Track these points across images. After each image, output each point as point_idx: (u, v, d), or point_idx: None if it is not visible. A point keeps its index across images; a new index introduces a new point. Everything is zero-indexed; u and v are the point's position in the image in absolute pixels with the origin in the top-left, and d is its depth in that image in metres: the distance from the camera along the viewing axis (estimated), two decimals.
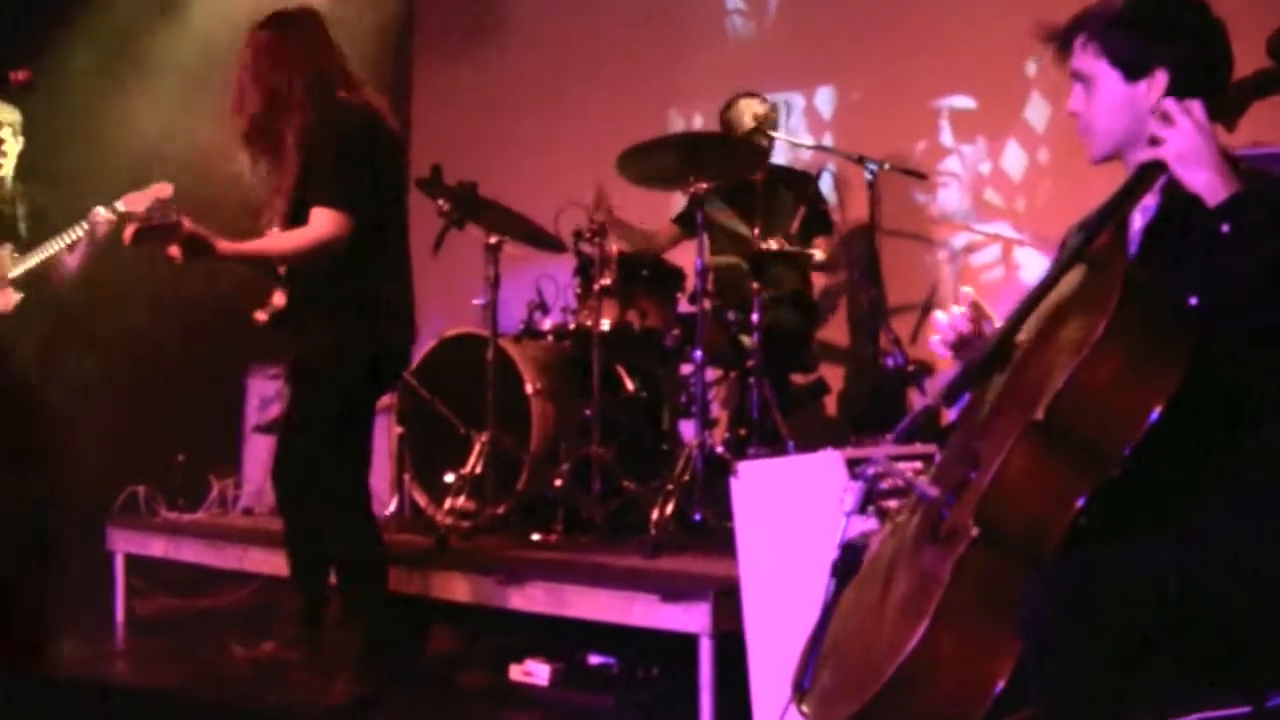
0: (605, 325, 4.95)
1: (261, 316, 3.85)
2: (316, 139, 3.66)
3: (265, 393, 5.95)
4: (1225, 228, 1.96)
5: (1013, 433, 2.01)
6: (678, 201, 6.18)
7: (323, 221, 3.65)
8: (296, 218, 3.68)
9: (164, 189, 4.77)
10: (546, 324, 5.41)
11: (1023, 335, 2.22)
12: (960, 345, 2.42)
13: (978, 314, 2.42)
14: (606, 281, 4.93)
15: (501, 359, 4.90)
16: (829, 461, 3.25)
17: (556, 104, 7.21)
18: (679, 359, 5.26)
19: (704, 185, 4.75)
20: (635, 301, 5.03)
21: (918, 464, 3.24)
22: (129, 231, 3.55)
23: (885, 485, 2.15)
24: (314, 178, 3.66)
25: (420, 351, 5.22)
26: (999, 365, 2.20)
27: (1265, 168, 2.11)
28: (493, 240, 4.85)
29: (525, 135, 7.23)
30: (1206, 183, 2.01)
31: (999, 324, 2.27)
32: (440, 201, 4.88)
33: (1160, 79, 2.19)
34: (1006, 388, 2.16)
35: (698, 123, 6.83)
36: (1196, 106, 2.03)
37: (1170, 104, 2.05)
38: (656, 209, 6.22)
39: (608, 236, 5.01)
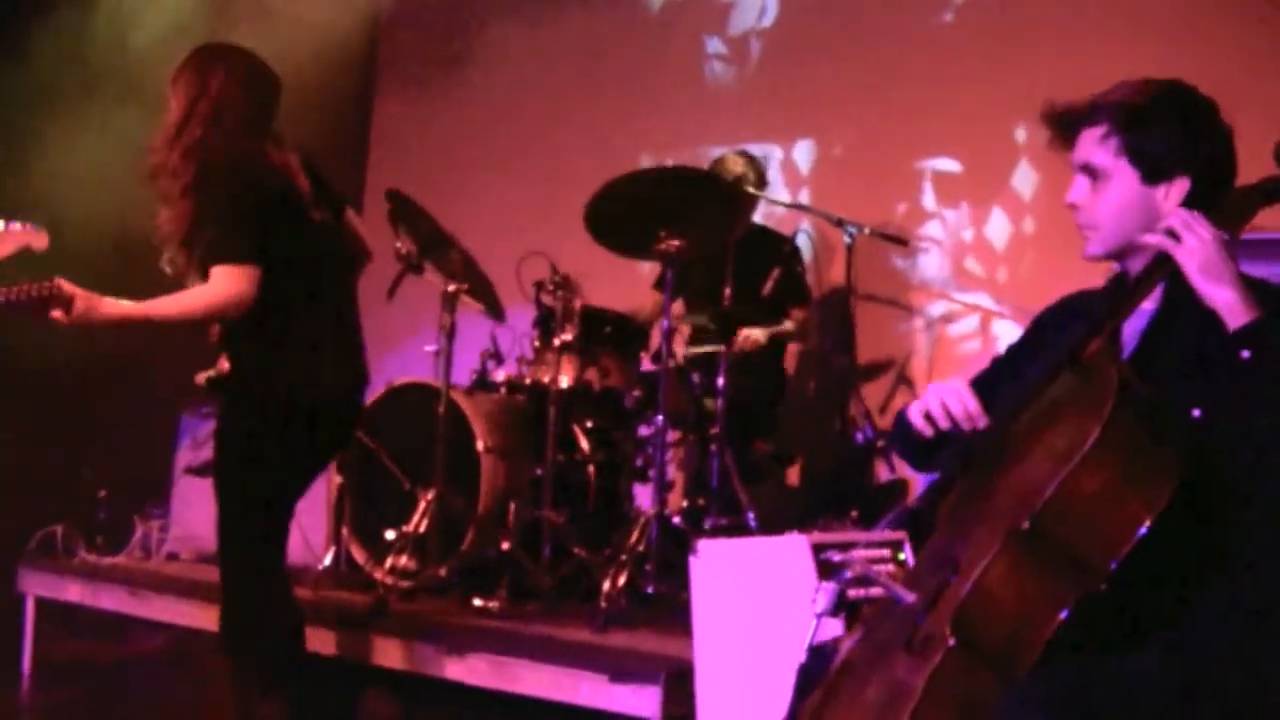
0: (564, 382, 4.98)
1: (201, 379, 3.78)
2: (208, 186, 3.59)
3: (199, 432, 5.88)
4: (1246, 354, 1.97)
5: (995, 540, 2.00)
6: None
7: (221, 279, 3.52)
8: (201, 277, 3.61)
9: (35, 238, 3.76)
10: (500, 375, 5.40)
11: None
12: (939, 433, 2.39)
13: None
14: (568, 336, 4.95)
15: (452, 412, 4.91)
16: (794, 546, 3.24)
17: (522, 144, 7.25)
18: (638, 420, 5.27)
19: (675, 243, 4.75)
20: (597, 359, 5.05)
21: (885, 553, 3.26)
22: None
23: (859, 588, 2.15)
24: (207, 229, 3.56)
25: (367, 398, 5.16)
26: (981, 465, 2.21)
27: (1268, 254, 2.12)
28: (451, 288, 4.84)
29: (487, 176, 7.26)
30: (1228, 302, 2.02)
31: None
32: (398, 244, 4.85)
33: (1180, 185, 2.18)
34: (988, 491, 2.16)
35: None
36: (1202, 220, 2.03)
37: (1184, 214, 2.06)
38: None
39: (572, 289, 5.02)
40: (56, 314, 3.45)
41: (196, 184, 3.58)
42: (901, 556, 3.16)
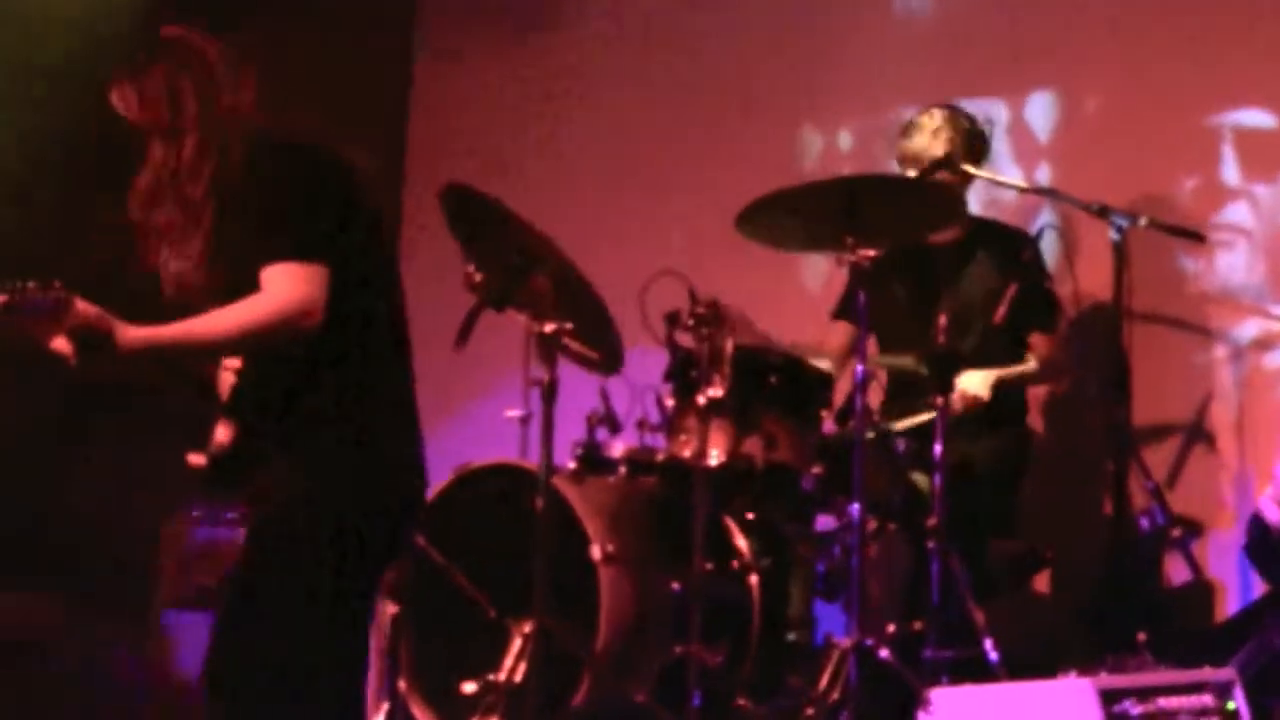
0: (714, 457, 5.02)
1: (198, 460, 3.79)
2: (243, 178, 3.68)
3: (190, 549, 5.98)
4: None
5: None
6: (818, 273, 6.32)
7: (284, 281, 3.59)
8: (229, 293, 3.65)
9: None
10: (618, 449, 5.44)
11: None
12: None
13: None
14: (717, 392, 4.97)
15: (554, 506, 4.88)
16: (1072, 693, 3.26)
17: (629, 116, 7.35)
18: (820, 509, 5.32)
19: (869, 253, 4.83)
20: (758, 422, 5.10)
21: (1207, 700, 3.28)
22: None
23: None
24: (252, 226, 3.66)
25: (428, 492, 5.24)
26: None
27: None
28: (549, 329, 4.96)
29: (582, 166, 7.40)
30: None
31: None
32: (469, 268, 4.93)
33: None
34: None
35: (844, 144, 6.94)
36: None
37: None
38: (790, 277, 6.35)
39: (723, 323, 5.09)
40: (59, 342, 3.54)
41: (227, 173, 3.69)
42: (1232, 706, 3.17)
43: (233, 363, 3.80)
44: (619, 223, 7.08)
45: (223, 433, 3.81)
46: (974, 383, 5.51)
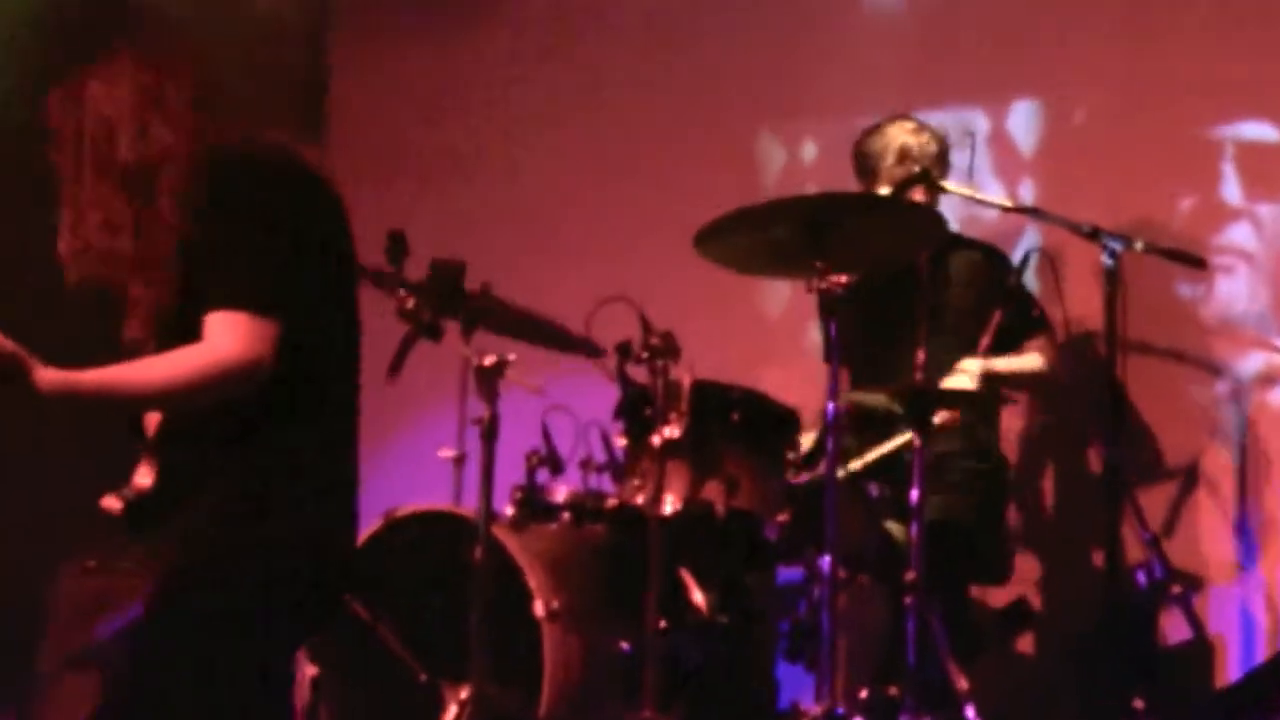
0: (669, 504, 4.98)
1: (113, 504, 3.69)
2: (204, 197, 3.67)
3: (82, 602, 5.91)
4: None
5: None
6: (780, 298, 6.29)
7: (227, 334, 3.52)
8: (177, 333, 3.60)
9: None
10: (560, 494, 5.39)
11: None
12: None
13: None
14: (674, 431, 4.95)
15: (494, 556, 4.88)
16: None
17: (571, 116, 7.33)
18: (785, 559, 5.28)
19: (840, 279, 4.79)
20: (718, 465, 5.07)
21: None
22: None
23: None
24: (206, 263, 3.57)
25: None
26: None
27: None
28: (489, 361, 4.90)
29: (522, 172, 7.34)
30: None
31: None
32: (401, 292, 4.90)
33: None
34: None
35: (809, 154, 6.93)
36: None
37: None
38: (748, 302, 6.32)
39: (676, 355, 5.05)
40: None
41: (193, 197, 3.63)
42: None
43: None
44: (561, 241, 7.07)
45: (144, 474, 3.75)
46: (959, 378, 5.47)
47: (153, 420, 3.75)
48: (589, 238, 7.02)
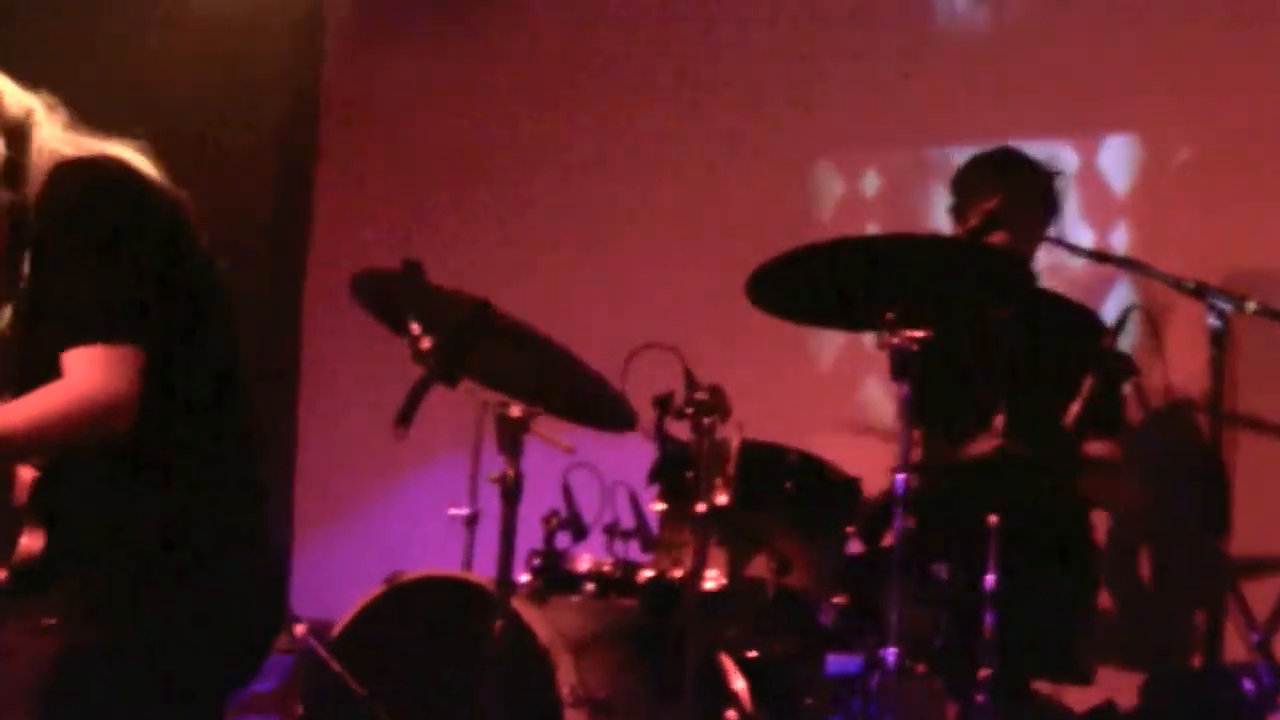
0: (712, 579, 4.98)
1: None
2: (41, 224, 3.66)
3: None
4: None
5: None
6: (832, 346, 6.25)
7: (83, 369, 3.58)
8: (35, 375, 3.63)
9: None
10: (584, 562, 5.40)
11: None
12: None
13: None
14: (720, 499, 4.93)
15: (512, 630, 4.81)
16: None
17: (603, 157, 7.36)
18: (840, 647, 5.25)
19: (916, 334, 4.78)
20: (768, 538, 5.07)
21: None
22: None
23: None
24: (49, 295, 3.65)
25: (347, 610, 5.21)
26: None
27: None
28: (514, 412, 4.88)
29: (545, 213, 7.38)
30: None
31: None
32: (414, 329, 4.86)
33: None
34: None
35: (870, 186, 6.90)
36: None
37: None
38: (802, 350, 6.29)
39: (725, 412, 5.00)
40: None
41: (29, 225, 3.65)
42: None
43: None
44: (595, 283, 7.06)
45: (30, 539, 3.74)
46: None
47: (24, 484, 3.73)
48: (627, 280, 7.00)
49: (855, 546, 5.31)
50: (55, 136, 3.80)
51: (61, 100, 3.88)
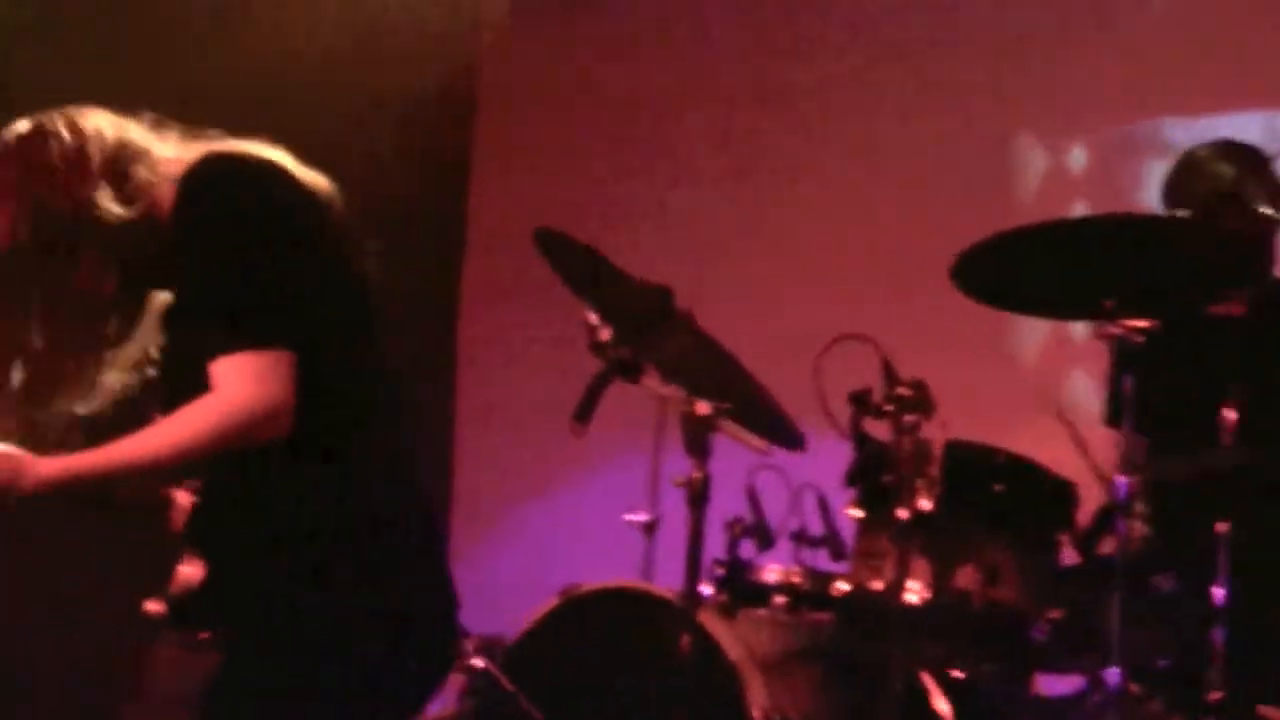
0: (915, 592, 4.94)
1: (157, 608, 3.78)
2: (178, 232, 3.76)
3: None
4: None
5: None
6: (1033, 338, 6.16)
7: (233, 378, 3.64)
8: (183, 388, 3.70)
9: None
10: (771, 573, 5.35)
11: None
12: None
13: None
14: (924, 504, 4.87)
15: (698, 648, 4.80)
16: None
17: (799, 123, 7.37)
18: (1054, 667, 5.24)
19: (1140, 324, 4.74)
20: (976, 547, 5.05)
21: None
22: None
23: None
24: (192, 303, 3.76)
25: (516, 625, 5.26)
26: None
27: None
28: (701, 409, 4.84)
29: (726, 190, 7.40)
30: None
31: None
32: (592, 319, 4.84)
33: None
34: None
35: (1077, 163, 6.87)
36: None
37: None
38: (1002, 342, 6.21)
39: (928, 409, 4.97)
40: None
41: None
42: None
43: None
44: (784, 271, 7.04)
45: (189, 569, 3.81)
46: None
47: (182, 510, 3.82)
48: (811, 263, 6.99)
49: (1070, 555, 5.25)
50: (169, 150, 3.88)
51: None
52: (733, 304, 5.34)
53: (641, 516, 5.54)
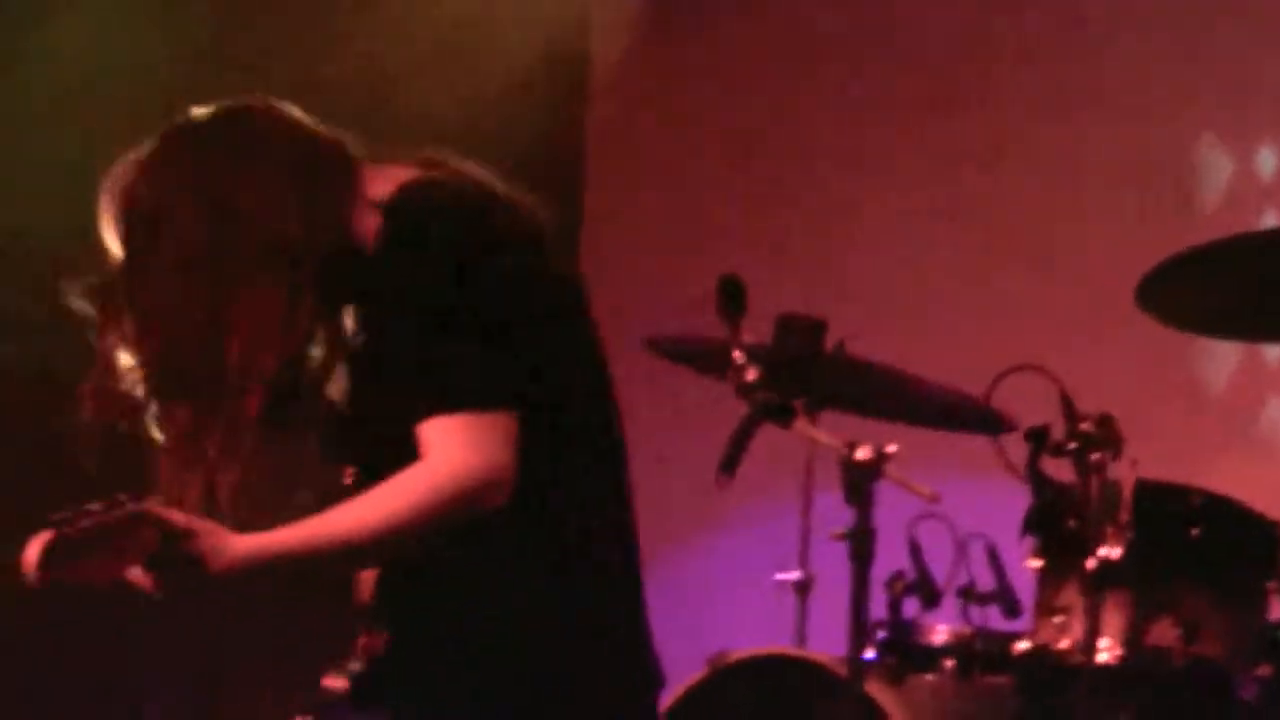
0: (1107, 649, 4.87)
1: (337, 683, 3.82)
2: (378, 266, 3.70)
3: None
4: None
5: None
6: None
7: (449, 444, 3.60)
8: (381, 450, 3.68)
9: None
10: (940, 634, 5.34)
11: None
12: None
13: None
14: (1113, 552, 4.80)
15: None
16: None
17: (949, 139, 7.32)
18: None
19: None
20: (1174, 598, 4.99)
21: None
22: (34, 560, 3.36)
23: None
24: (392, 353, 3.68)
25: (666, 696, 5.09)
26: None
27: None
28: (861, 454, 4.73)
29: (881, 202, 7.36)
30: None
31: None
32: (736, 353, 4.78)
33: None
34: None
35: (1267, 167, 6.82)
36: None
37: None
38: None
39: (1115, 445, 4.90)
40: (132, 573, 3.51)
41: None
42: None
43: None
44: (947, 295, 7.00)
45: (370, 642, 3.86)
46: None
47: (366, 580, 3.86)
48: (976, 285, 6.92)
49: (1279, 606, 5.19)
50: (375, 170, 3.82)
51: None
52: (889, 337, 5.25)
53: (793, 575, 5.48)
